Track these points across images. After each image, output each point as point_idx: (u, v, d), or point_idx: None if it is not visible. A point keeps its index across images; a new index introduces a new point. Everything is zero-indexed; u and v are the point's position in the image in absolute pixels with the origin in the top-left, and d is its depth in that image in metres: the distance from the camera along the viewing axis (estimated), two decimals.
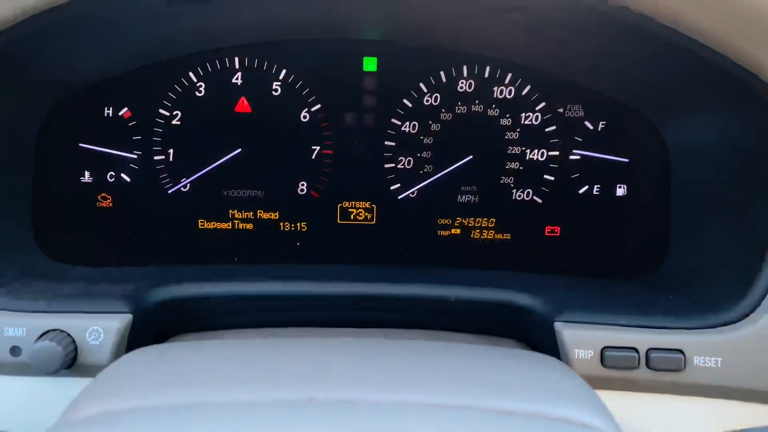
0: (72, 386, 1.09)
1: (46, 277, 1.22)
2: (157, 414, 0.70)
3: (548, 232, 1.46)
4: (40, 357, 1.02)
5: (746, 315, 1.07)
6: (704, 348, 1.06)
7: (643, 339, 1.08)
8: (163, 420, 0.68)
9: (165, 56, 1.37)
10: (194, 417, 0.69)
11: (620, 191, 1.44)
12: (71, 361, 1.05)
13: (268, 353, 0.84)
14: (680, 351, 1.06)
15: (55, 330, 1.06)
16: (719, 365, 1.05)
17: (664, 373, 1.06)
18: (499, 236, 1.47)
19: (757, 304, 1.07)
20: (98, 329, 1.07)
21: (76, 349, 1.06)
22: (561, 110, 1.42)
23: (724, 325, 1.08)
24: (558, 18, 1.13)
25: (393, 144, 1.44)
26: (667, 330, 1.08)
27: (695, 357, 1.06)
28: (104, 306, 1.11)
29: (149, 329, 1.16)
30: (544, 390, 0.76)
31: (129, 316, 1.10)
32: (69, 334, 1.06)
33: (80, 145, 1.39)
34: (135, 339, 1.11)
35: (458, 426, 0.67)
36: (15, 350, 1.05)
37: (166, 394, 0.73)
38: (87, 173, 1.40)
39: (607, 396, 0.97)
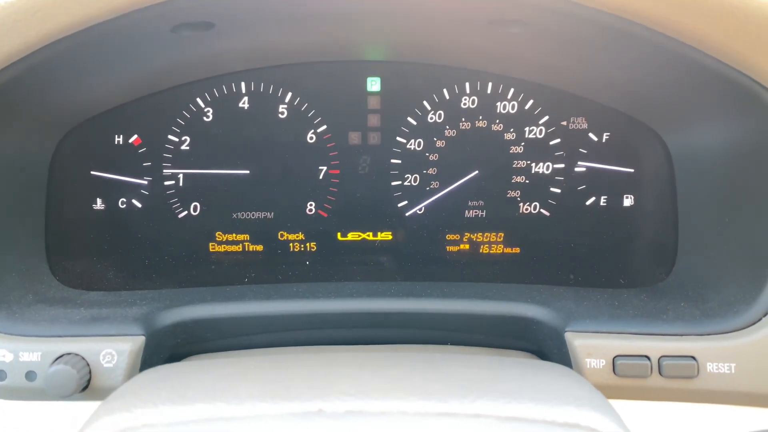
0: (87, 410, 1.10)
1: (60, 302, 1.24)
2: (168, 430, 0.70)
3: (556, 244, 1.46)
4: (55, 381, 1.03)
5: (758, 319, 1.07)
6: (717, 354, 1.05)
7: (654, 346, 1.07)
8: None
9: (172, 83, 1.40)
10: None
11: (627, 201, 1.44)
12: (86, 385, 1.06)
13: (277, 368, 0.85)
14: (693, 357, 1.06)
15: (69, 354, 1.07)
16: (733, 371, 1.05)
17: (677, 380, 1.06)
18: (508, 250, 1.47)
19: None
20: (112, 352, 1.08)
21: (90, 372, 1.07)
22: (564, 123, 1.43)
23: (736, 330, 1.07)
24: (556, 31, 1.15)
25: (399, 162, 1.45)
26: (679, 336, 1.08)
27: (708, 363, 1.05)
28: (117, 329, 1.12)
29: (162, 351, 1.17)
30: (552, 396, 0.76)
31: (142, 338, 1.11)
32: (83, 358, 1.07)
33: (91, 172, 1.42)
34: (148, 361, 1.12)
35: None
36: (30, 375, 1.07)
37: (176, 410, 0.73)
38: (98, 200, 1.43)
39: (620, 405, 0.97)
